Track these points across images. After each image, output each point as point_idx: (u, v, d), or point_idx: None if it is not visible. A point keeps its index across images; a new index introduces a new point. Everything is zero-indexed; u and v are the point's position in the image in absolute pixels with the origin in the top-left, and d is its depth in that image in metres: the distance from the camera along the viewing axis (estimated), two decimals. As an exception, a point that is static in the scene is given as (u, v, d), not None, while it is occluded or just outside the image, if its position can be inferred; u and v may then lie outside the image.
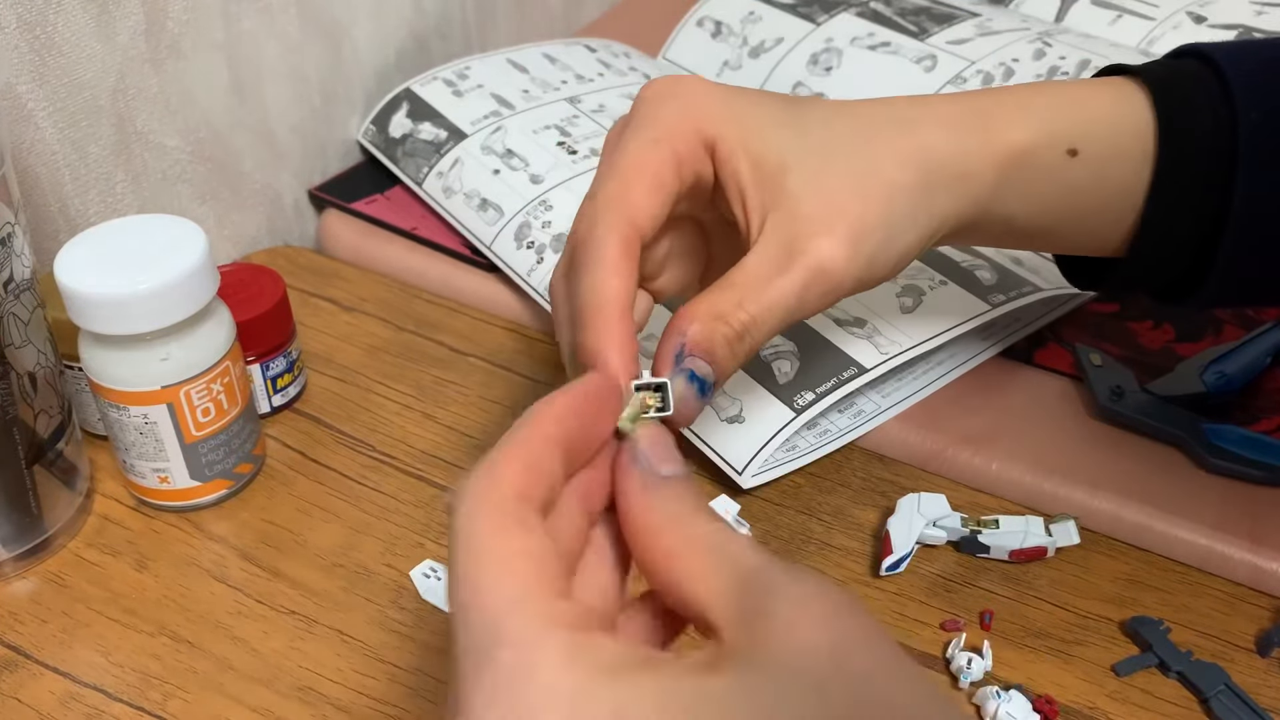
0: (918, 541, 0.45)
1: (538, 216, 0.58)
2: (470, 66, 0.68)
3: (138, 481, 0.47)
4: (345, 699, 0.40)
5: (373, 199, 0.65)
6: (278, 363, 0.51)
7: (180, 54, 0.56)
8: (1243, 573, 0.44)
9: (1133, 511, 0.46)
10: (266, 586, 0.44)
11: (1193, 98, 0.39)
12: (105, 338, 0.43)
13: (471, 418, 0.52)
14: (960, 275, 0.53)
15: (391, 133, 0.66)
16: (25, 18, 0.49)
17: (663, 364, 0.34)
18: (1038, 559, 0.45)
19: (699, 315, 0.34)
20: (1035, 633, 0.42)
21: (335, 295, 0.60)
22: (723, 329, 0.34)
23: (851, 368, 0.49)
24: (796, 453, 0.49)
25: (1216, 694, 0.39)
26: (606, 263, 0.34)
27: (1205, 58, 0.40)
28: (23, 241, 0.42)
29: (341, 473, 0.49)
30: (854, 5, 0.69)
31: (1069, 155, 0.39)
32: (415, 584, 0.44)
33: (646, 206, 0.35)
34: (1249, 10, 0.66)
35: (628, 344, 0.33)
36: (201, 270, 0.43)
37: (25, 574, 0.45)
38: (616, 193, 0.36)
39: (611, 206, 0.35)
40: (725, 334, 0.34)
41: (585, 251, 0.35)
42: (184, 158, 0.59)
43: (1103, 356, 0.50)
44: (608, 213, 0.35)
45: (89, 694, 0.40)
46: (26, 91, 0.50)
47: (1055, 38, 0.64)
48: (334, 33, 0.65)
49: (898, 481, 0.48)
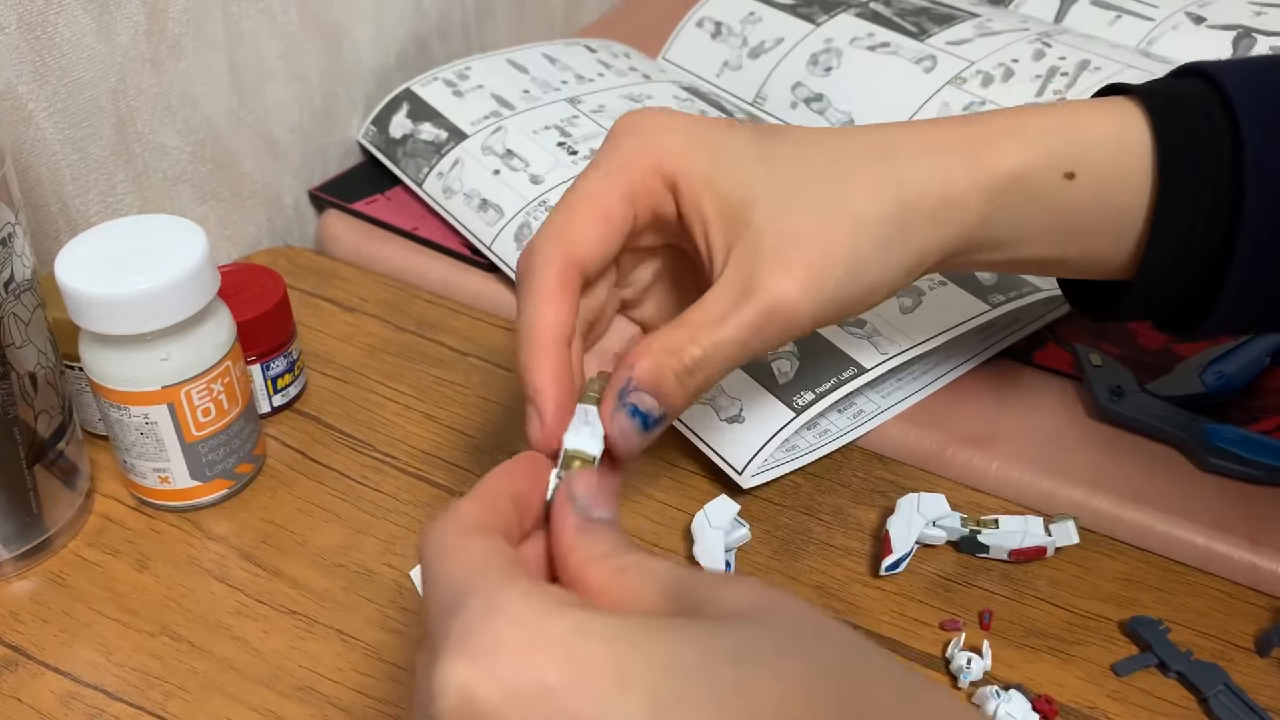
0: (917, 541, 0.45)
1: (538, 217, 0.58)
2: (470, 67, 0.68)
3: (138, 481, 0.47)
4: (345, 699, 0.40)
5: (373, 199, 0.65)
6: (278, 363, 0.51)
7: (180, 54, 0.56)
8: (1242, 573, 0.44)
9: (1132, 511, 0.46)
10: (267, 586, 0.44)
11: (1194, 118, 0.37)
12: (106, 338, 0.43)
13: (471, 418, 0.52)
14: (960, 276, 0.53)
15: (392, 133, 0.66)
16: (26, 18, 0.49)
17: (608, 398, 0.34)
18: (1037, 559, 0.45)
19: (650, 351, 0.35)
20: (1035, 632, 0.42)
21: (335, 295, 0.60)
22: (672, 364, 0.35)
23: (851, 368, 0.49)
24: (796, 453, 0.49)
25: (1216, 694, 0.40)
26: (541, 293, 0.35)
27: (1207, 77, 0.38)
28: (23, 241, 0.42)
29: (342, 473, 0.49)
30: (854, 6, 0.69)
31: (1066, 178, 0.37)
32: (415, 584, 0.44)
33: (589, 239, 0.36)
34: (1248, 10, 0.66)
35: (560, 372, 0.34)
36: (202, 270, 0.43)
37: (26, 574, 0.45)
38: (559, 224, 0.36)
39: (552, 237, 0.36)
40: (675, 369, 0.35)
41: (524, 282, 0.36)
42: (184, 158, 0.59)
43: (1102, 357, 0.50)
44: (547, 244, 0.36)
45: (89, 694, 0.41)
46: (27, 91, 0.50)
47: (1055, 38, 0.64)
48: (334, 33, 0.65)
49: (898, 481, 0.48)
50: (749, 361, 0.37)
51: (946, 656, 0.41)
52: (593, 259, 0.36)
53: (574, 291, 0.36)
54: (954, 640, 0.41)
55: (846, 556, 0.45)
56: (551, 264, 0.35)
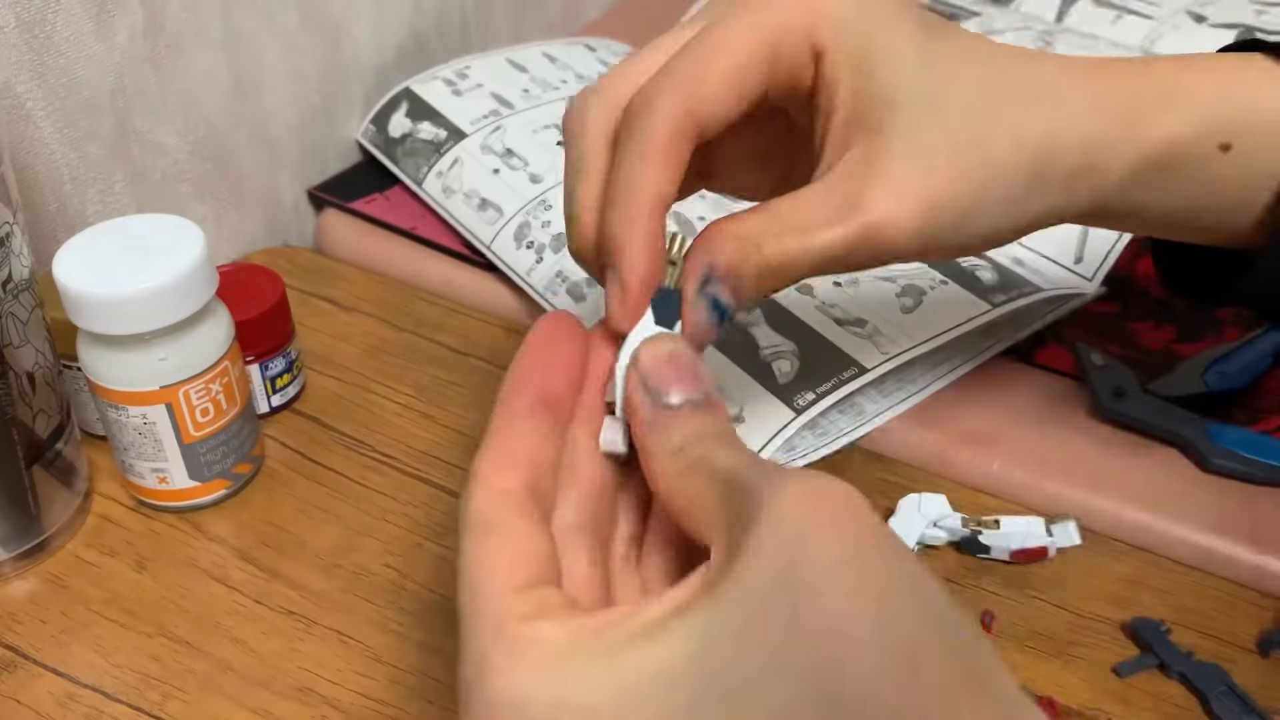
0: (918, 542, 0.45)
1: (537, 216, 0.58)
2: (470, 66, 0.68)
3: (137, 482, 0.46)
4: (345, 699, 0.40)
5: (372, 198, 0.65)
6: (277, 363, 0.51)
7: (180, 53, 0.56)
8: (1244, 573, 0.44)
9: (1134, 512, 0.46)
10: (266, 587, 0.44)
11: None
12: (104, 338, 0.43)
13: (471, 418, 0.52)
14: (961, 275, 0.53)
15: (391, 132, 0.66)
16: (24, 17, 0.49)
17: (689, 280, 0.31)
18: (1038, 559, 0.45)
19: (735, 238, 0.31)
20: (1036, 633, 0.42)
21: (334, 295, 0.59)
22: (756, 259, 0.31)
23: (851, 368, 0.49)
24: (796, 453, 0.48)
25: (1218, 694, 0.39)
26: (652, 149, 0.31)
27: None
28: (21, 241, 0.42)
29: (341, 473, 0.49)
30: (854, 5, 0.69)
31: (1221, 150, 0.35)
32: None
33: (718, 98, 0.31)
34: (1249, 10, 0.66)
35: (655, 246, 0.31)
36: (200, 270, 0.43)
37: (24, 574, 0.45)
38: (688, 71, 0.31)
39: (676, 85, 0.31)
40: (758, 265, 0.31)
41: (632, 129, 0.31)
42: (183, 157, 0.58)
43: (1104, 356, 0.50)
44: (670, 92, 0.31)
45: (88, 695, 0.40)
46: (26, 91, 0.50)
47: (1056, 37, 0.64)
48: (334, 32, 0.65)
49: (898, 481, 0.48)
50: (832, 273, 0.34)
51: (948, 657, 0.41)
52: (715, 120, 0.32)
53: (687, 154, 0.31)
54: (955, 641, 0.41)
55: (847, 557, 0.45)
56: (670, 118, 0.31)
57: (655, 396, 0.28)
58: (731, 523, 0.24)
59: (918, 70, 0.33)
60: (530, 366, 0.29)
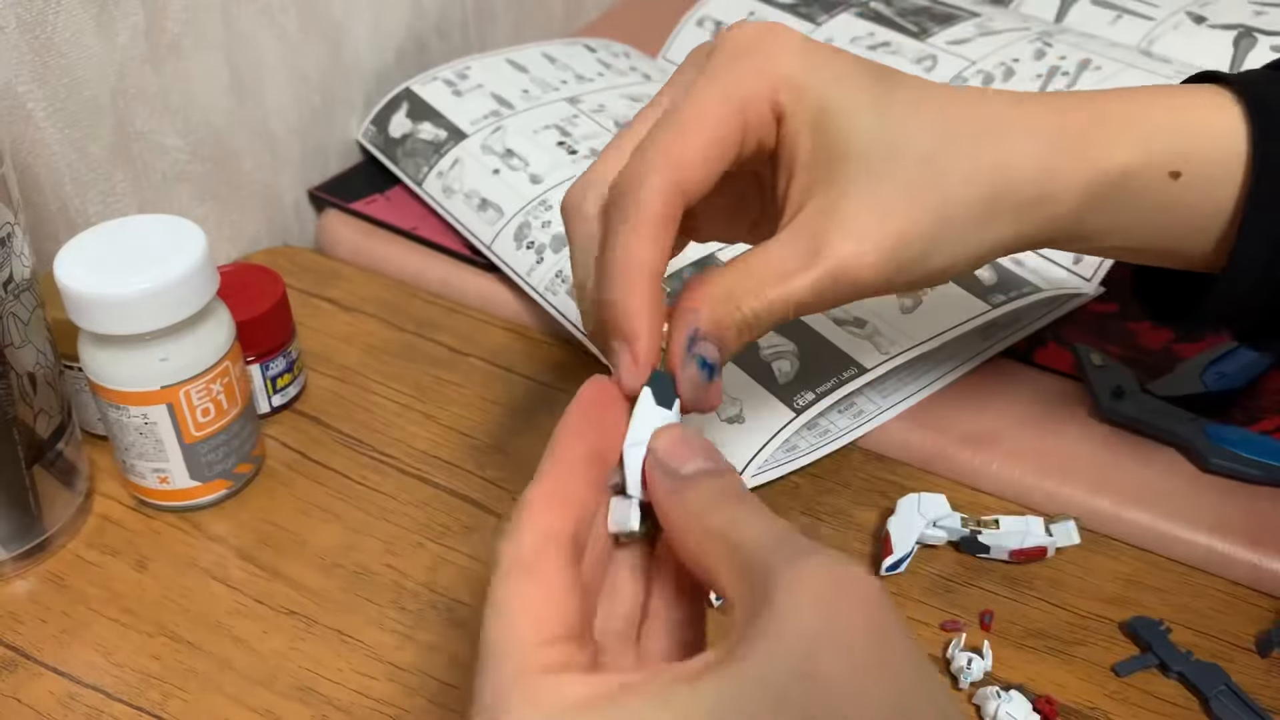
0: (918, 541, 0.45)
1: (538, 216, 0.58)
2: (470, 66, 0.68)
3: (137, 482, 0.46)
4: (345, 699, 0.40)
5: (372, 199, 0.65)
6: (277, 363, 0.51)
7: (180, 54, 0.56)
8: (1243, 573, 0.44)
9: (1133, 512, 0.46)
10: (266, 587, 0.44)
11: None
12: (105, 338, 0.43)
13: (471, 418, 0.52)
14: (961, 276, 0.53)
15: (391, 133, 0.66)
16: (25, 18, 0.49)
17: (676, 345, 0.33)
18: (1038, 559, 0.45)
19: (712, 298, 0.33)
20: (1035, 633, 0.42)
21: (335, 295, 0.60)
22: (737, 316, 0.33)
23: (851, 368, 0.49)
24: (796, 453, 0.49)
25: (1217, 694, 0.39)
26: (645, 223, 0.32)
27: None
28: (22, 241, 0.42)
29: (341, 473, 0.49)
30: (854, 5, 0.69)
31: (1170, 177, 0.36)
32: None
33: (699, 169, 0.33)
34: (1248, 10, 0.66)
35: (655, 313, 0.32)
36: (201, 270, 0.43)
37: (25, 574, 0.45)
38: (670, 146, 0.33)
39: (661, 161, 0.33)
40: (737, 319, 0.33)
41: (624, 207, 0.33)
42: (184, 158, 0.58)
43: (1103, 357, 0.50)
44: (657, 168, 0.33)
45: (88, 694, 0.40)
46: (26, 91, 0.50)
47: (1055, 37, 0.64)
48: (334, 33, 0.65)
49: (898, 481, 0.48)
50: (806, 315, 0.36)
51: (947, 657, 0.41)
52: (698, 189, 0.33)
53: (676, 223, 0.33)
54: (955, 641, 0.41)
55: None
56: (659, 192, 0.32)
57: (672, 474, 0.29)
58: (755, 597, 0.25)
59: (872, 121, 0.35)
60: (584, 421, 0.30)
